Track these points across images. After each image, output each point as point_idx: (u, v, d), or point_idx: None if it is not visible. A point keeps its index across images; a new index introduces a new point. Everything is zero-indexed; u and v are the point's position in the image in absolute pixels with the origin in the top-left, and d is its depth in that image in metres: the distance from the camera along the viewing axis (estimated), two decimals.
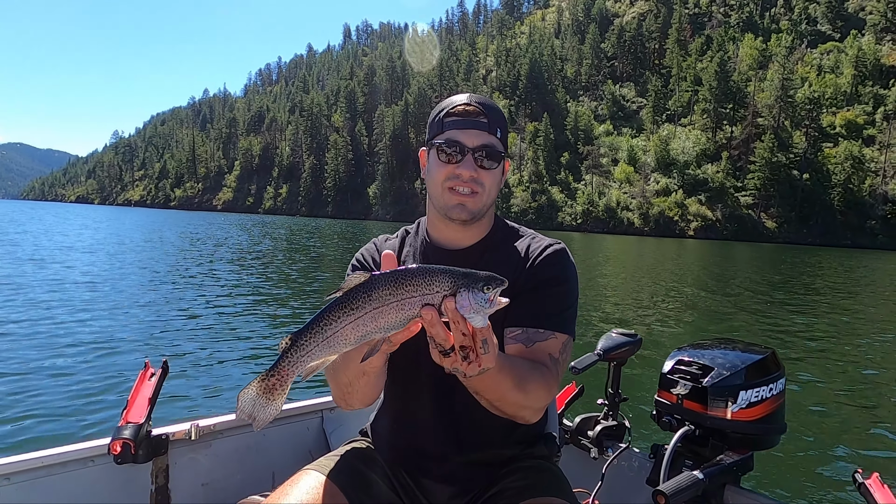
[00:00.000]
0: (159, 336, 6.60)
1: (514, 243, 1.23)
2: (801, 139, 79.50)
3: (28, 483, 1.39)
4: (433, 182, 1.18)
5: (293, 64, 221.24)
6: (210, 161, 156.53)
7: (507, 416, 1.08)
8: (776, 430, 1.57)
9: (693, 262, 25.74)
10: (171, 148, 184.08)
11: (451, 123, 1.14)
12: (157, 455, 1.53)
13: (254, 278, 12.39)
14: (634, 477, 1.74)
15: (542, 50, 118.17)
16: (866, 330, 9.35)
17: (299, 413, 1.86)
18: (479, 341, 0.82)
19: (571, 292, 1.18)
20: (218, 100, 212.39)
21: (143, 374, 1.60)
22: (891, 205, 69.87)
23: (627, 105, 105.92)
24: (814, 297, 13.73)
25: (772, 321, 9.40)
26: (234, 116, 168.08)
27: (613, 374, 1.88)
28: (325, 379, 1.13)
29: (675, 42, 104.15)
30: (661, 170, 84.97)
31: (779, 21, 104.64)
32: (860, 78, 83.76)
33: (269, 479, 1.71)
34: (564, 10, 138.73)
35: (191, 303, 8.93)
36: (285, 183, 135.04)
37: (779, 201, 75.71)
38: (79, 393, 4.54)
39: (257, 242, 25.77)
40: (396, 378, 1.22)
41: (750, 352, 1.63)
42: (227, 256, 17.76)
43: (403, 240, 1.31)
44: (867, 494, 1.31)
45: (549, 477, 1.17)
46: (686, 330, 8.34)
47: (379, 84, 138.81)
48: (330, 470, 1.14)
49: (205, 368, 5.34)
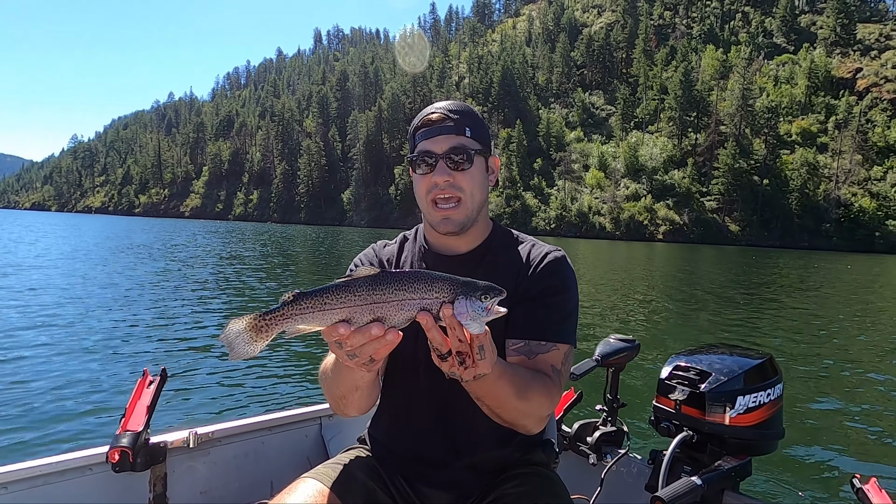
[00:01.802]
0: (158, 344, 6.60)
1: (515, 250, 1.23)
2: (761, 146, 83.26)
3: (26, 492, 1.38)
4: (418, 197, 1.19)
5: (262, 68, 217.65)
6: (177, 166, 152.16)
7: (509, 425, 1.08)
8: (774, 436, 1.57)
9: (665, 266, 26.80)
10: (134, 153, 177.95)
11: (421, 136, 1.16)
12: (155, 463, 1.52)
13: (249, 285, 12.35)
14: (633, 483, 1.75)
15: (513, 58, 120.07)
16: (857, 332, 9.60)
17: (297, 420, 1.86)
18: (476, 348, 0.83)
19: (571, 300, 1.18)
20: (184, 104, 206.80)
21: (142, 382, 1.59)
22: (843, 208, 73.81)
23: (597, 112, 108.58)
24: (785, 298, 14.46)
25: (755, 323, 9.97)
26: (201, 121, 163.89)
27: (612, 380, 1.89)
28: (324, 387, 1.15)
29: (641, 52, 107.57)
30: (630, 175, 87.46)
31: (738, 33, 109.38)
32: (813, 88, 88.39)
33: (268, 487, 1.71)
34: (535, 18, 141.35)
35: (189, 311, 8.91)
36: (256, 189, 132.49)
37: (741, 205, 78.94)
38: (77, 401, 4.54)
39: (249, 249, 25.55)
40: (394, 385, 1.23)
41: (747, 357, 1.63)
42: (222, 264, 17.61)
43: (402, 245, 1.31)
44: (865, 500, 1.30)
45: (548, 483, 1.17)
46: (668, 333, 8.57)
47: (352, 89, 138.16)
48: (328, 477, 1.14)
49: (203, 377, 5.35)
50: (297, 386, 5.18)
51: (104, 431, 3.85)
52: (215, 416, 4.32)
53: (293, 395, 4.94)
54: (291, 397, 4.86)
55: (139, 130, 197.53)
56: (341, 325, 0.80)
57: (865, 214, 71.86)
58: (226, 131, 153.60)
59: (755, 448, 1.55)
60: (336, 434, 1.88)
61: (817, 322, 10.61)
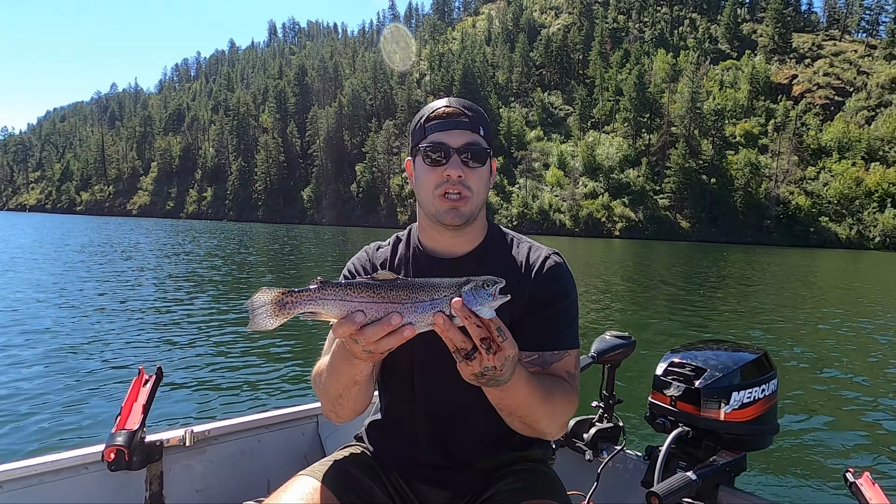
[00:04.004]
0: (153, 343, 6.57)
1: (512, 252, 1.23)
2: (709, 147, 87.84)
3: (21, 491, 1.37)
4: (423, 189, 1.16)
5: (214, 60, 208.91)
6: (122, 162, 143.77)
7: (536, 433, 1.09)
8: (769, 431, 1.59)
9: (627, 261, 28.10)
10: (73, 147, 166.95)
11: (434, 127, 1.14)
12: (151, 462, 1.52)
13: (242, 284, 12.23)
14: (629, 479, 1.77)
15: (474, 56, 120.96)
16: (838, 324, 9.93)
17: (294, 418, 1.88)
18: (494, 330, 0.85)
19: (574, 304, 1.20)
20: (128, 95, 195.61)
21: (138, 380, 1.59)
22: (782, 206, 79.20)
23: (556, 112, 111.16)
24: (749, 291, 15.42)
25: (712, 316, 10.71)
26: (149, 114, 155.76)
27: (608, 377, 1.91)
28: None
29: (597, 54, 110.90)
30: (588, 174, 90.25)
31: (686, 39, 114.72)
32: (755, 93, 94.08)
33: (265, 485, 1.72)
34: (494, 18, 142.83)
35: (184, 309, 8.84)
36: (210, 186, 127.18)
37: (691, 203, 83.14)
38: (72, 400, 4.53)
39: (237, 248, 25.08)
40: (391, 383, 1.23)
41: (742, 353, 1.65)
42: (214, 263, 17.30)
43: (395, 248, 1.29)
44: (858, 494, 1.31)
45: (544, 480, 1.18)
46: (639, 327, 8.89)
47: (311, 84, 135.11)
48: (325, 475, 1.14)
49: (199, 375, 5.34)
50: (294, 384, 5.17)
51: (99, 431, 3.80)
52: (212, 414, 4.32)
53: (290, 393, 4.95)
54: (288, 395, 4.87)
55: (78, 123, 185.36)
56: (358, 314, 0.83)
57: (801, 211, 77.42)
58: (176, 125, 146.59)
59: (750, 443, 1.56)
60: (333, 432, 1.89)
61: (803, 315, 11.01)
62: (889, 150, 79.41)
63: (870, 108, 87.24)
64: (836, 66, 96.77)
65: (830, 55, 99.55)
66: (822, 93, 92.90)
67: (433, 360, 1.11)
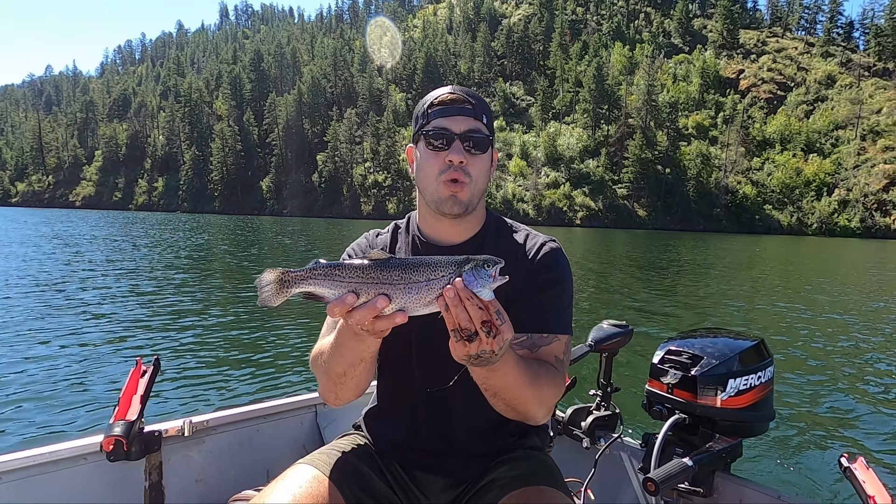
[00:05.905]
0: (150, 333, 6.55)
1: (509, 239, 1.24)
2: (664, 138, 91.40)
3: (20, 482, 1.38)
4: (426, 175, 1.16)
5: (161, 42, 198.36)
6: (62, 150, 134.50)
7: (520, 417, 1.09)
8: (765, 418, 1.61)
9: (590, 249, 29.13)
10: (5, 134, 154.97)
11: (437, 112, 1.14)
12: (150, 452, 1.53)
13: (237, 275, 12.10)
14: (626, 466, 1.79)
15: (436, 45, 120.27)
16: (831, 313, 9.88)
17: (293, 408, 1.89)
18: (494, 313, 0.84)
19: (568, 291, 1.20)
20: (66, 79, 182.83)
21: (135, 371, 1.60)
22: (730, 195, 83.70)
23: (517, 103, 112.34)
24: (728, 278, 16.11)
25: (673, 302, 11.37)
26: (90, 99, 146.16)
27: (605, 365, 1.93)
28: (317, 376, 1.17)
29: (557, 45, 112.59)
30: (550, 164, 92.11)
31: (641, 32, 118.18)
32: (705, 87, 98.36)
33: (264, 475, 1.73)
34: (455, 6, 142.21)
35: (181, 300, 8.78)
36: (161, 176, 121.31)
37: (647, 192, 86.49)
38: (70, 391, 4.54)
39: (230, 242, 24.37)
40: (388, 371, 1.24)
41: (739, 340, 1.67)
42: (205, 255, 16.99)
43: (395, 235, 1.30)
44: (853, 478, 1.33)
45: (542, 467, 1.18)
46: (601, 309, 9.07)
47: (267, 70, 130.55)
48: (323, 464, 1.14)
49: (197, 365, 5.34)
50: (292, 374, 5.18)
51: (98, 422, 3.81)
52: (210, 404, 4.32)
53: (288, 383, 4.95)
54: (286, 385, 4.88)
55: (10, 108, 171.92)
56: (349, 295, 0.84)
57: (748, 200, 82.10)
58: (121, 112, 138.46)
59: (746, 430, 1.58)
60: (331, 421, 1.90)
61: (798, 304, 10.86)
62: (825, 142, 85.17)
63: (808, 103, 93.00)
64: (778, 62, 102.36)
65: (774, 51, 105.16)
66: (767, 87, 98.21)
67: (432, 343, 1.10)
